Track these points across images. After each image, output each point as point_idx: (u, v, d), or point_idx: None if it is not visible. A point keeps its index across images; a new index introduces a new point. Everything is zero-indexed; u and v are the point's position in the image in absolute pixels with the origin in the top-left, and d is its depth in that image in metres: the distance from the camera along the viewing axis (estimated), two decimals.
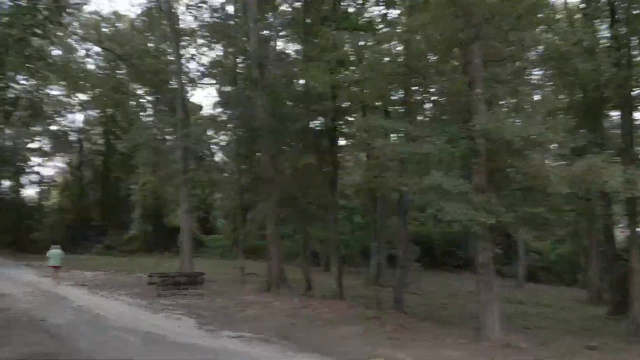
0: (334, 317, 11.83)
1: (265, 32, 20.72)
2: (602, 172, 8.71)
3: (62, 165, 48.99)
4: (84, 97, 41.12)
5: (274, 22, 21.37)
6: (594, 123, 14.63)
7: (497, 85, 11.44)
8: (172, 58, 26.01)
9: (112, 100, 38.86)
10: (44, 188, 45.01)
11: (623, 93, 13.06)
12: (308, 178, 17.73)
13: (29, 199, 43.18)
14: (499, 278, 10.74)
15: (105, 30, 33.73)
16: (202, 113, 31.57)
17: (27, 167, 40.31)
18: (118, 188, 44.27)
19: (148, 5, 26.04)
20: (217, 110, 25.60)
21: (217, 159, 30.88)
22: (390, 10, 16.48)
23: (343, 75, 13.87)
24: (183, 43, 24.67)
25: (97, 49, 34.20)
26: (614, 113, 15.50)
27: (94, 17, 32.91)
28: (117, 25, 33.59)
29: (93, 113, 44.42)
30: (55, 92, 39.76)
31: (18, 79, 22.61)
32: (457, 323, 13.76)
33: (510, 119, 10.66)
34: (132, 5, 79.64)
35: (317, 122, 19.67)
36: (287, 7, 21.36)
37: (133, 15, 33.39)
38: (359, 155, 25.82)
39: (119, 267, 25.51)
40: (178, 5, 26.90)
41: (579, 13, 16.30)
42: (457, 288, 24.85)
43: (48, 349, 7.38)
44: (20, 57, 7.01)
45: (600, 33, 14.63)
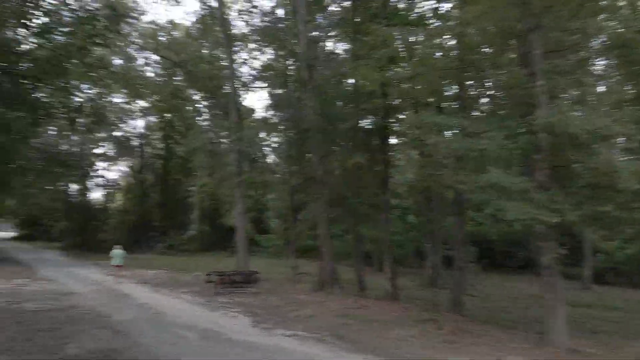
0: (388, 318, 11.64)
1: (315, 33, 20.81)
2: None
3: (125, 169, 51.89)
4: (144, 103, 43.23)
5: (323, 22, 21.43)
6: None
7: (558, 77, 10.83)
8: (225, 63, 26.76)
9: (170, 106, 40.58)
10: (109, 191, 47.78)
11: None
12: (358, 177, 17.59)
13: (95, 202, 45.91)
14: (564, 280, 10.15)
15: (162, 39, 35.21)
16: (254, 116, 32.22)
17: (93, 171, 42.88)
18: (177, 190, 46.10)
19: (202, 13, 26.94)
20: (268, 113, 26.07)
21: (269, 161, 31.45)
22: (442, 4, 16.03)
23: (393, 72, 13.63)
24: (235, 48, 25.29)
25: (155, 57, 35.81)
26: None
27: (152, 26, 34.47)
28: (173, 34, 34.96)
29: (153, 119, 46.62)
30: (118, 99, 42.11)
31: (82, 88, 24.03)
32: (519, 327, 13.15)
33: (574, 112, 10.05)
34: (186, 14, 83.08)
35: (367, 120, 19.51)
36: (335, 7, 21.35)
37: (188, 24, 34.74)
38: (411, 154, 25.34)
39: (179, 266, 26.53)
40: (230, 12, 27.63)
41: None
42: (518, 290, 23.88)
43: (112, 345, 7.73)
44: (83, 65, 7.39)
45: None
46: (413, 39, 13.27)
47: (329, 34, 22.05)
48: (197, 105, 42.68)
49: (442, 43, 13.18)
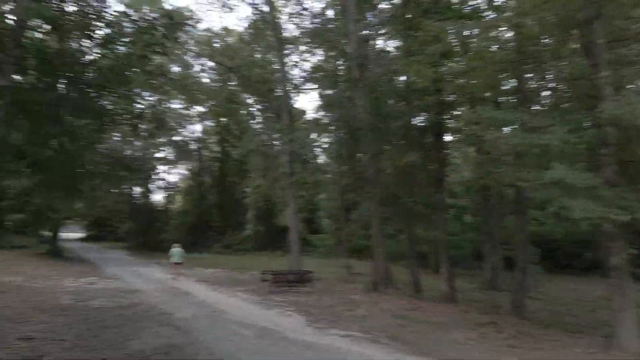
0: (446, 320, 11.31)
1: (365, 32, 20.67)
2: None
3: (184, 172, 54.08)
4: (201, 108, 44.82)
5: (373, 20, 21.23)
6: None
7: (623, 67, 10.13)
8: (276, 67, 27.19)
9: (225, 111, 41.83)
10: (170, 193, 49.95)
11: None
12: (412, 176, 17.24)
13: (157, 204, 48.11)
14: (634, 281, 9.47)
15: (217, 45, 36.34)
16: (305, 117, 32.52)
17: (154, 174, 44.95)
18: (233, 192, 47.44)
19: (253, 18, 27.51)
20: (319, 114, 26.20)
21: (320, 161, 31.58)
22: None
23: (447, 68, 13.25)
24: (286, 51, 25.61)
25: (210, 64, 37.04)
26: None
27: (207, 33, 35.65)
28: (227, 40, 35.98)
29: (209, 123, 48.27)
30: (176, 105, 43.94)
31: (143, 95, 25.20)
32: (585, 331, 12.43)
33: None
34: (239, 20, 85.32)
35: (420, 118, 19.11)
36: (386, 4, 21.10)
37: (240, 29, 35.62)
38: (468, 151, 24.56)
39: (235, 265, 27.23)
40: (281, 15, 28.04)
41: None
42: (584, 293, 22.57)
43: (174, 342, 8.00)
44: (144, 74, 7.72)
45: None
46: (467, 33, 12.83)
47: (380, 32, 21.82)
48: (250, 109, 43.76)
49: (498, 35, 12.66)
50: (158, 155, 46.19)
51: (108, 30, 6.67)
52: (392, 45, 23.43)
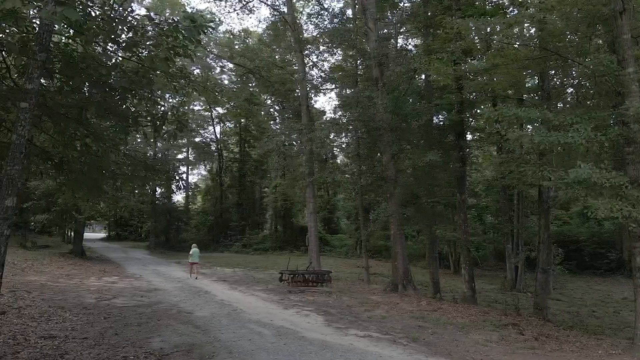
0: (466, 322, 11.16)
1: (384, 30, 20.57)
2: None
3: (204, 173, 54.73)
4: (221, 110, 45.27)
5: (393, 19, 21.12)
6: None
7: None
8: (296, 67, 27.28)
9: (245, 112, 42.16)
10: (190, 193, 50.57)
11: None
12: (432, 176, 17.08)
13: (178, 204, 48.76)
14: None
15: (237, 47, 36.66)
16: (324, 117, 32.58)
17: (176, 175, 45.53)
18: (252, 191, 47.80)
19: (272, 19, 27.68)
20: (338, 114, 26.18)
21: (339, 161, 31.55)
22: None
23: (469, 65, 13.08)
24: (306, 52, 25.68)
25: (230, 65, 37.40)
26: None
27: (227, 35, 35.99)
28: (247, 41, 36.25)
29: (229, 124, 48.72)
30: (197, 107, 44.48)
31: (165, 97, 25.60)
32: (608, 333, 12.19)
33: None
34: (259, 22, 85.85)
35: (440, 117, 18.94)
36: (406, 2, 20.99)
37: (260, 31, 35.87)
38: (489, 150, 24.23)
39: (254, 264, 27.43)
40: (300, 16, 28.13)
41: None
42: (608, 294, 22.11)
43: (194, 340, 8.09)
44: (166, 76, 7.83)
45: None
46: (489, 30, 12.65)
47: (400, 30, 21.70)
48: (270, 110, 44.08)
49: (521, 32, 12.45)
50: (179, 156, 46.88)
51: (131, 34, 6.77)
52: (412, 44, 23.30)
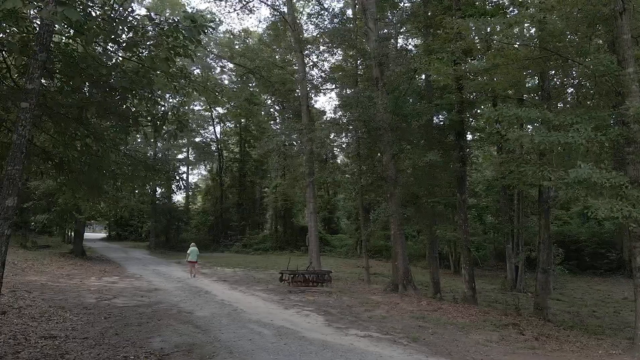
0: (466, 322, 11.17)
1: (385, 30, 20.57)
2: None
3: (204, 173, 54.74)
4: (221, 110, 45.26)
5: (393, 19, 21.12)
6: None
7: None
8: (296, 67, 27.28)
9: (245, 112, 42.15)
10: (190, 193, 50.54)
11: None
12: (432, 176, 17.09)
13: (178, 204, 48.74)
14: None
15: (237, 47, 36.65)
16: (324, 118, 32.59)
17: (176, 175, 45.50)
18: (253, 191, 47.80)
19: (272, 19, 27.68)
20: (338, 114, 26.19)
21: (339, 161, 31.55)
22: None
23: (469, 65, 13.08)
24: (306, 52, 25.68)
25: (230, 65, 37.39)
26: None
27: (227, 36, 35.98)
28: (247, 41, 36.25)
29: (229, 124, 48.72)
30: (197, 107, 44.46)
31: (165, 97, 25.54)
32: (608, 333, 12.18)
33: None
34: (259, 21, 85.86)
35: (441, 117, 18.93)
36: (406, 2, 20.98)
37: (260, 31, 35.86)
38: (489, 150, 24.23)
39: (255, 264, 27.43)
40: (301, 16, 28.12)
41: None
42: (608, 294, 22.11)
43: (194, 340, 8.09)
44: (166, 76, 7.83)
45: None
46: (489, 30, 12.65)
47: (400, 30, 21.70)
48: (270, 110, 44.07)
49: (521, 32, 12.44)
50: (179, 156, 46.86)
51: (132, 34, 6.76)
52: (412, 44, 23.30)
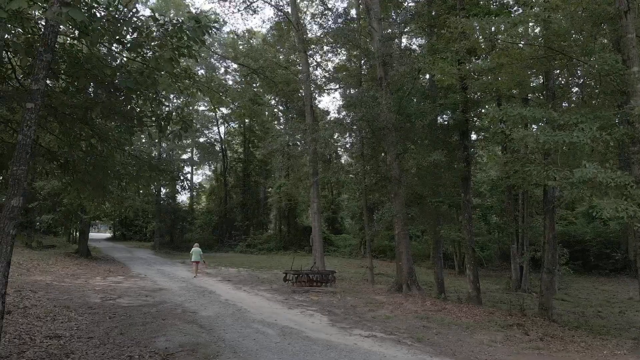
0: (471, 322, 11.14)
1: (389, 30, 20.55)
2: None
3: (208, 173, 54.87)
4: (225, 110, 45.34)
5: (397, 19, 21.10)
6: None
7: None
8: (300, 67, 27.28)
9: (249, 112, 42.20)
10: (195, 193, 50.65)
11: None
12: (437, 176, 17.05)
13: (183, 204, 48.88)
14: None
15: (241, 48, 36.70)
16: (328, 118, 32.57)
17: (181, 175, 45.64)
18: (257, 191, 47.86)
19: (277, 20, 27.69)
20: (342, 114, 26.17)
21: (343, 161, 31.54)
22: None
23: (473, 65, 13.05)
24: (310, 52, 25.68)
25: (234, 66, 37.43)
26: None
27: (231, 36, 36.02)
28: (251, 42, 36.29)
29: (233, 124, 48.81)
30: (201, 107, 44.56)
31: (170, 97, 25.60)
32: (613, 333, 12.12)
33: None
34: (263, 22, 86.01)
35: (445, 116, 18.90)
36: (410, 2, 20.96)
37: (264, 31, 35.87)
38: (494, 149, 24.16)
39: (259, 264, 27.46)
40: (304, 16, 28.12)
41: None
42: (613, 294, 22.02)
43: (199, 340, 8.11)
44: (171, 76, 7.85)
45: None
46: (494, 29, 12.61)
47: (404, 30, 21.68)
48: (274, 110, 44.10)
49: (526, 31, 12.39)
50: (184, 157, 47.00)
51: (136, 35, 6.79)
52: (416, 43, 23.27)
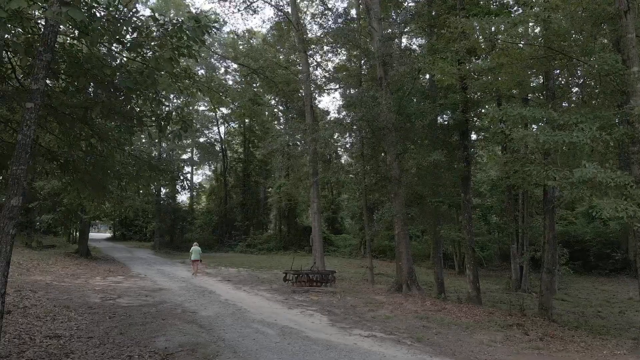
0: (471, 322, 11.13)
1: (389, 30, 20.54)
2: None
3: (208, 173, 54.88)
4: (225, 110, 45.35)
5: (397, 19, 21.09)
6: None
7: None
8: (300, 67, 27.28)
9: (249, 112, 42.20)
10: (195, 193, 50.64)
11: None
12: (437, 176, 17.05)
13: (182, 204, 48.86)
14: None
15: (241, 48, 36.69)
16: (328, 118, 32.56)
17: (181, 175, 45.62)
18: (257, 191, 47.87)
19: (277, 20, 27.69)
20: (342, 114, 26.18)
21: (342, 161, 31.56)
22: None
23: (473, 65, 13.05)
24: (310, 52, 25.66)
25: (234, 65, 37.44)
26: None
27: (231, 36, 36.02)
28: (251, 42, 36.28)
29: (233, 124, 48.81)
30: (201, 107, 44.55)
31: (170, 97, 25.64)
32: (613, 333, 12.12)
33: None
34: (263, 22, 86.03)
35: (445, 116, 18.90)
36: (410, 2, 20.95)
37: (264, 31, 35.87)
38: (494, 149, 24.18)
39: (259, 264, 27.45)
40: (305, 16, 28.11)
41: None
42: (613, 294, 22.03)
43: (198, 339, 8.11)
44: (171, 76, 7.84)
45: None
46: (494, 29, 12.61)
47: (404, 30, 21.68)
48: (274, 110, 44.10)
49: (526, 31, 12.40)
50: (184, 157, 46.98)
51: (136, 35, 6.78)
52: (416, 43, 23.28)
